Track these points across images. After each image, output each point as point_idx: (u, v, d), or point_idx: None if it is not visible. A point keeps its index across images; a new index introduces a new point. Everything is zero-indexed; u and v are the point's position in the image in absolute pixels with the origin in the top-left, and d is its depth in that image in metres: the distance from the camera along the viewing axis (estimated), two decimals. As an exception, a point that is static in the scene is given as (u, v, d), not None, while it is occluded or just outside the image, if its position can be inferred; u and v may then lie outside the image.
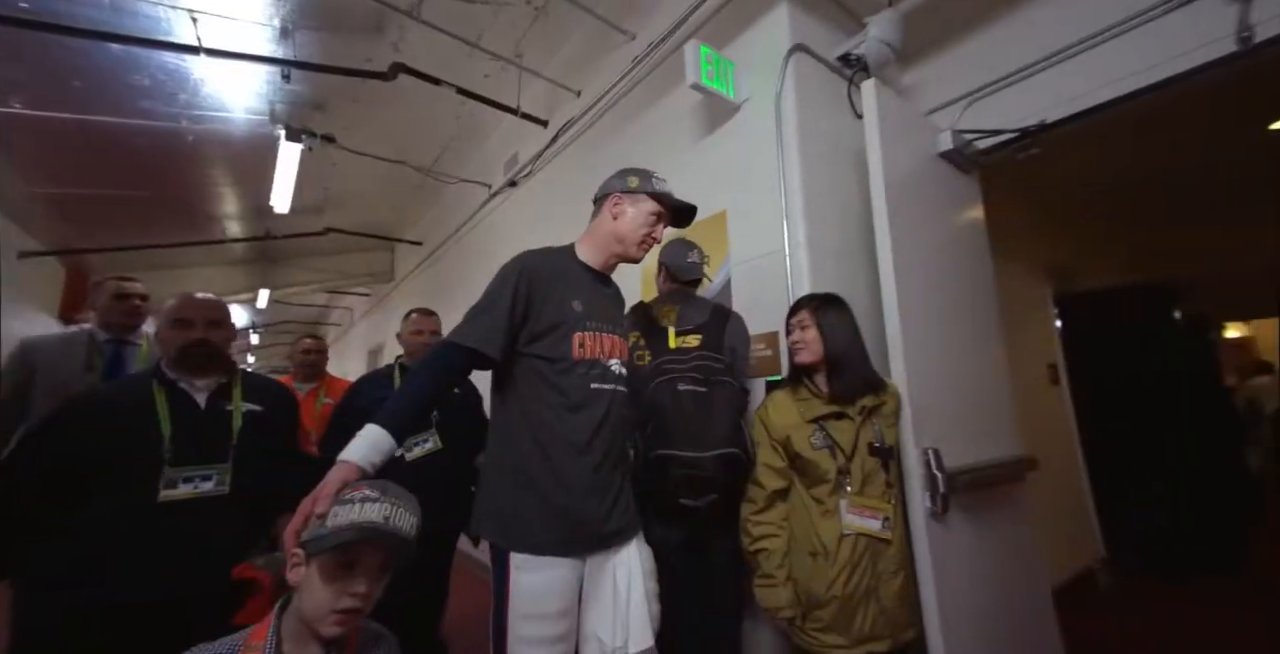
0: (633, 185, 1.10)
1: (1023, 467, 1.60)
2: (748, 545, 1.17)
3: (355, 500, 0.68)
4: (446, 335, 0.97)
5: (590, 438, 0.97)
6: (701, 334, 1.32)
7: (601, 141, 2.36)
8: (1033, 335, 3.09)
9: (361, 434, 0.80)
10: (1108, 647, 2.05)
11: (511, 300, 0.96)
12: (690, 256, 1.49)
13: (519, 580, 0.89)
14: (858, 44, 1.59)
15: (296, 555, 0.67)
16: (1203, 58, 1.29)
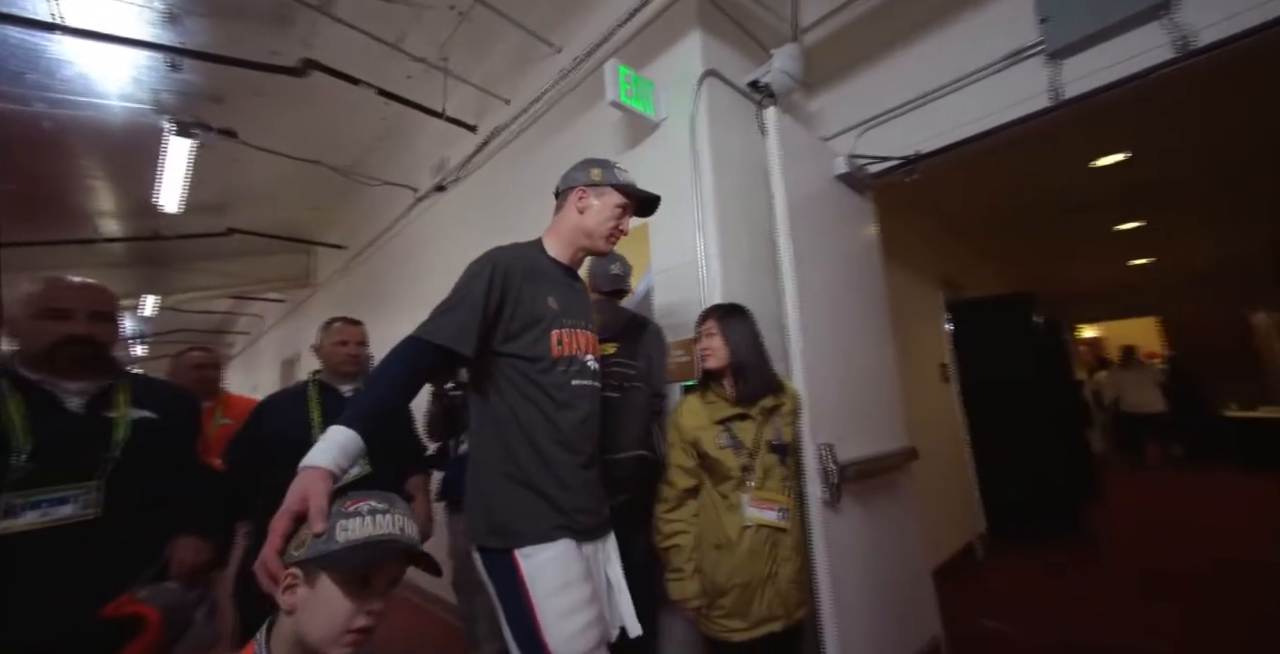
0: (596, 177, 1.09)
1: (908, 457, 1.80)
2: (660, 542, 1.24)
3: (363, 513, 0.63)
4: (413, 332, 0.88)
5: (577, 435, 0.98)
6: (618, 342, 1.38)
7: (531, 149, 2.38)
8: (927, 338, 3.45)
9: (327, 437, 0.73)
10: (980, 607, 2.33)
11: (485, 297, 0.92)
12: (613, 268, 1.55)
13: (532, 565, 0.88)
14: (764, 72, 1.73)
15: (292, 576, 0.60)
16: (1029, 108, 1.54)
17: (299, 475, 0.69)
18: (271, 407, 1.51)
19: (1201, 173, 3.16)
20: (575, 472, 0.97)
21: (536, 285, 1.00)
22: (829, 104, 2.12)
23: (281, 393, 1.60)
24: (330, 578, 0.59)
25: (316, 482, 0.67)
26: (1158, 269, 5.55)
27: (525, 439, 0.94)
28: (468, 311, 0.90)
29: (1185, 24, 1.29)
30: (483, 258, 1.00)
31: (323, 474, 0.69)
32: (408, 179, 3.26)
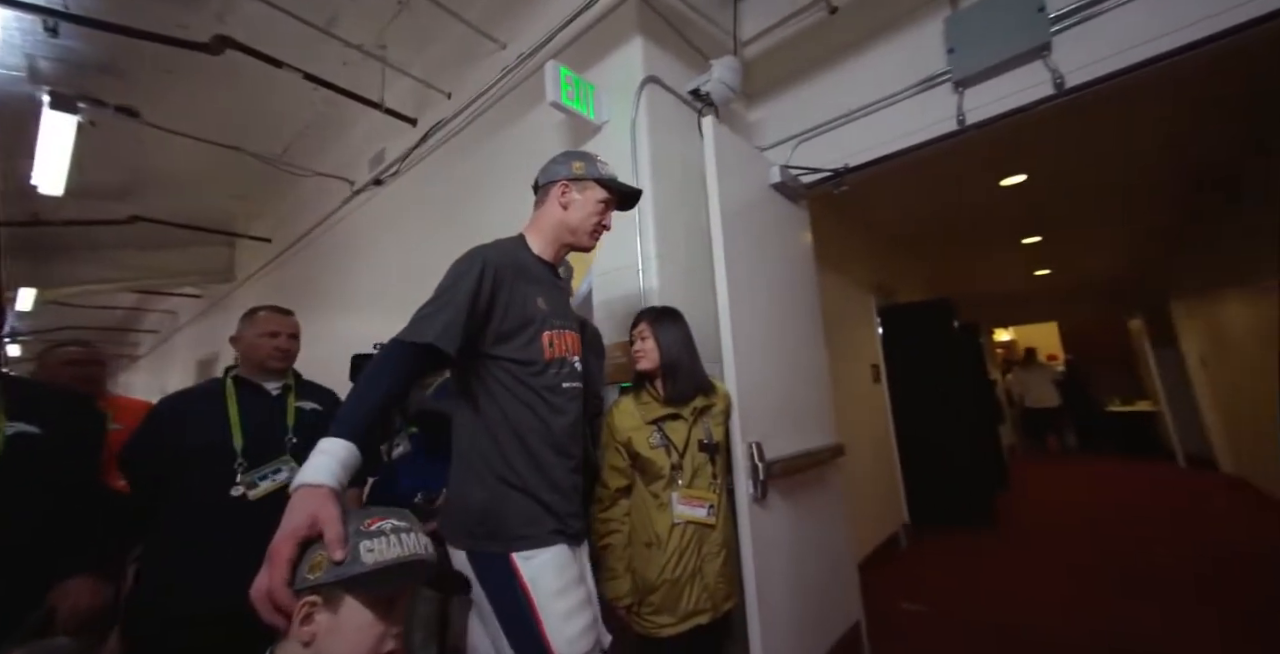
0: (578, 171, 1.06)
1: (835, 453, 1.91)
2: (594, 542, 1.25)
3: (386, 532, 0.60)
4: (397, 335, 0.83)
5: (568, 438, 0.96)
6: (556, 343, 1.37)
7: (474, 145, 2.32)
8: (861, 340, 3.68)
9: (323, 449, 0.67)
10: (901, 592, 2.52)
11: (472, 296, 0.88)
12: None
13: (532, 568, 0.86)
14: (704, 81, 1.79)
15: (310, 603, 0.56)
16: (939, 131, 1.69)
17: (298, 496, 0.62)
18: (174, 408, 1.30)
19: (1087, 195, 3.56)
20: (567, 475, 0.96)
21: (526, 285, 0.97)
22: (768, 115, 2.22)
23: (186, 392, 1.38)
24: (359, 601, 0.56)
25: (325, 503, 0.61)
26: (1056, 279, 6.20)
27: (519, 443, 0.92)
28: (454, 311, 0.86)
29: (1059, 66, 1.46)
30: (470, 256, 0.95)
31: (327, 493, 0.63)
32: (343, 171, 3.09)
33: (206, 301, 5.55)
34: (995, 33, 1.55)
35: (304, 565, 0.57)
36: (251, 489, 1.23)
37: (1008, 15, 1.52)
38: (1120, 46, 1.39)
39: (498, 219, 2.15)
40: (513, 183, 2.10)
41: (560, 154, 1.10)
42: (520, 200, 2.06)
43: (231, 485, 1.21)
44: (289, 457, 1.30)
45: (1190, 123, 2.64)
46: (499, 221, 2.15)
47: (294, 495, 0.62)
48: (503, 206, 2.13)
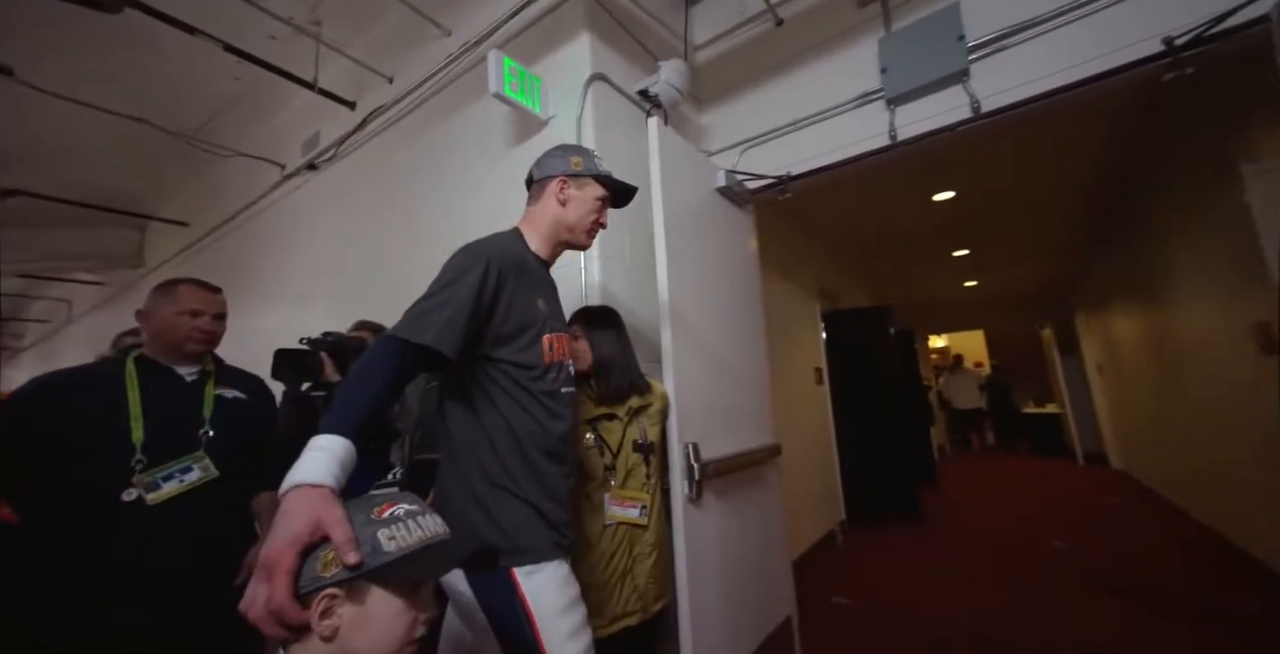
0: (576, 167, 1.02)
1: (771, 453, 1.96)
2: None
3: (402, 517, 0.57)
4: (391, 331, 0.76)
5: (563, 446, 0.93)
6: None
7: (417, 134, 2.22)
8: (805, 344, 3.82)
9: (320, 446, 0.61)
10: (834, 587, 2.62)
11: (475, 295, 0.81)
12: None
13: (533, 584, 0.82)
14: (652, 83, 1.79)
15: (330, 597, 0.52)
16: (873, 145, 1.77)
17: (295, 497, 0.56)
18: (55, 389, 1.08)
19: (1007, 214, 3.88)
20: (562, 483, 0.93)
21: (528, 285, 0.92)
22: (717, 120, 2.26)
23: (71, 372, 1.14)
24: (387, 590, 0.54)
25: (328, 505, 0.56)
26: (982, 291, 6.72)
27: (518, 450, 0.87)
28: (454, 310, 0.79)
29: (976, 91, 1.57)
30: (473, 250, 0.88)
31: (327, 494, 0.57)
32: (272, 153, 2.87)
33: (110, 289, 4.99)
34: (921, 56, 1.64)
35: (313, 565, 0.53)
36: (151, 491, 1.05)
37: (932, 41, 1.62)
38: (1024, 79, 1.51)
39: (440, 211, 2.07)
40: (456, 175, 2.02)
41: (556, 148, 1.07)
42: (462, 193, 2.02)
43: (125, 488, 1.04)
44: (203, 453, 1.13)
45: (1087, 153, 2.93)
46: (441, 214, 2.09)
47: (289, 497, 0.56)
48: (445, 199, 2.05)
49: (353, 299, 2.35)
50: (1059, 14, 1.46)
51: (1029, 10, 1.51)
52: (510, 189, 1.82)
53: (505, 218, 1.82)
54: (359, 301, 2.29)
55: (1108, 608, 2.27)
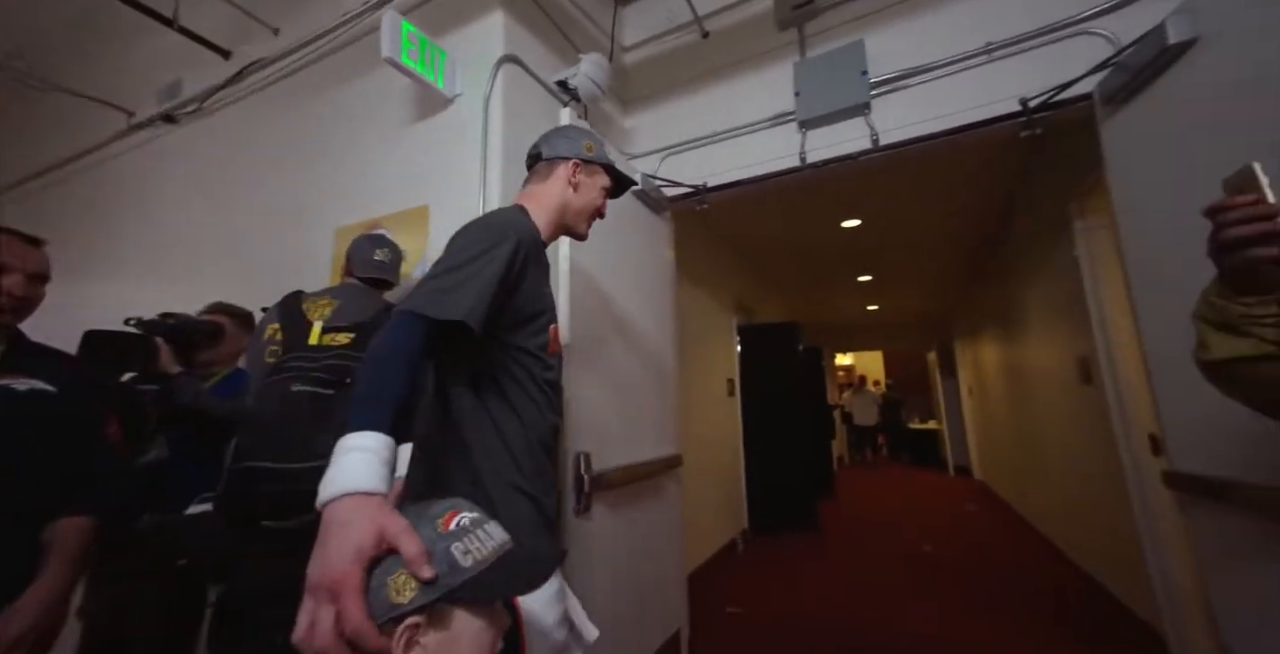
0: (589, 152, 0.99)
1: (670, 464, 1.93)
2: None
3: (469, 528, 0.51)
4: (409, 304, 0.66)
5: (554, 441, 0.91)
6: (355, 333, 1.16)
7: (303, 97, 1.96)
8: (720, 355, 3.91)
9: (361, 445, 0.53)
10: (730, 596, 2.65)
11: (504, 273, 0.74)
12: (377, 254, 1.33)
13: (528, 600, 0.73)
14: (571, 74, 1.72)
15: (413, 627, 0.45)
16: (785, 165, 1.84)
17: (348, 506, 0.49)
18: None
19: (903, 245, 4.28)
20: (551, 477, 0.89)
21: (542, 269, 0.89)
22: (642, 124, 2.24)
23: None
24: (468, 609, 0.49)
25: (389, 514, 0.49)
26: (882, 314, 7.38)
27: (527, 443, 0.82)
28: (484, 284, 0.72)
29: (875, 124, 1.68)
30: (497, 226, 0.81)
31: (382, 502, 0.51)
32: (116, 96, 2.40)
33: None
34: (830, 85, 1.73)
35: (383, 593, 0.46)
36: None
37: (839, 72, 1.72)
38: (915, 119, 1.64)
39: (326, 188, 1.83)
40: (346, 149, 1.80)
41: (568, 128, 1.02)
42: (352, 170, 1.79)
43: None
44: None
45: (969, 197, 3.31)
46: (328, 191, 1.84)
47: (337, 507, 0.49)
48: (332, 174, 1.82)
49: (212, 279, 2.01)
50: (944, 65, 1.61)
51: (920, 58, 1.64)
52: (409, 169, 1.65)
53: (401, 200, 1.67)
54: (218, 282, 1.96)
55: (963, 604, 2.51)
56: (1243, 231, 0.60)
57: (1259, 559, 1.00)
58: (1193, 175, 1.06)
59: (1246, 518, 1.00)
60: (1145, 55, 1.16)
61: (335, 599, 0.44)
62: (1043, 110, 1.46)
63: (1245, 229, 0.60)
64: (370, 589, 0.46)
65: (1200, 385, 0.75)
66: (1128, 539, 2.06)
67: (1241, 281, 0.64)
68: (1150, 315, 1.25)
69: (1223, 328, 0.67)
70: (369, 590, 0.46)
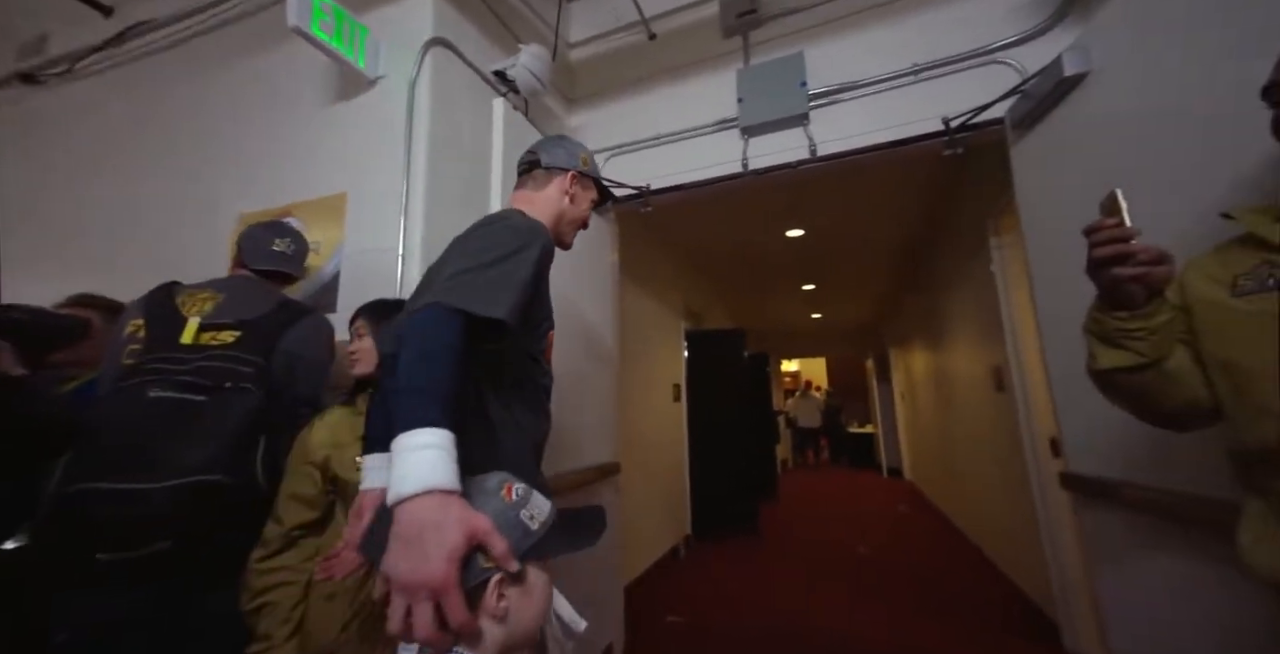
0: (585, 166, 1.00)
1: (607, 472, 1.88)
2: (247, 603, 0.92)
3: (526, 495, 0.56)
4: (447, 298, 0.64)
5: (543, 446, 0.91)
6: (242, 331, 1.02)
7: (201, 68, 1.76)
8: (667, 361, 3.90)
9: (430, 443, 0.52)
10: (670, 603, 2.62)
11: (533, 275, 0.75)
12: (276, 244, 1.19)
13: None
14: (510, 65, 1.65)
15: (501, 581, 0.52)
16: (728, 171, 1.84)
17: (433, 506, 0.49)
18: None
19: (841, 256, 4.47)
20: (543, 482, 0.87)
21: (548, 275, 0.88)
22: (588, 122, 2.19)
23: None
24: (535, 565, 0.56)
25: (473, 515, 0.51)
26: (825, 322, 7.70)
27: (522, 449, 0.81)
28: (520, 286, 0.72)
29: (813, 135, 1.73)
30: (524, 227, 0.79)
31: (461, 500, 0.52)
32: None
33: None
34: (771, 94, 1.76)
35: (473, 561, 0.51)
36: None
37: (780, 82, 1.75)
38: (849, 132, 1.69)
39: (228, 173, 1.65)
40: (253, 130, 1.63)
41: (564, 139, 1.03)
42: (258, 154, 1.60)
43: None
44: None
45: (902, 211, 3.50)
46: (229, 177, 1.64)
47: (424, 505, 0.50)
48: (234, 158, 1.64)
49: (84, 271, 1.75)
50: (876, 82, 1.67)
51: (856, 73, 1.70)
52: (325, 154, 1.52)
53: (317, 186, 1.52)
54: (94, 274, 1.71)
55: (894, 606, 2.61)
56: (1105, 252, 0.65)
57: (1138, 553, 1.08)
58: (1086, 197, 1.14)
59: (1130, 515, 1.08)
60: (1045, 85, 1.25)
61: (437, 597, 0.47)
62: (963, 131, 1.55)
63: (1107, 249, 0.65)
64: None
65: (1093, 393, 0.80)
66: (1033, 538, 2.22)
67: (1112, 297, 0.68)
68: (1051, 328, 1.33)
69: (1104, 340, 0.71)
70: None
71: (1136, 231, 0.64)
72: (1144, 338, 0.67)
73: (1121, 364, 0.70)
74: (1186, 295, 0.69)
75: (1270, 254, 0.61)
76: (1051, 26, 1.47)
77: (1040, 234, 1.37)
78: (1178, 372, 0.67)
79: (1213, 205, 0.71)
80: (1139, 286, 0.66)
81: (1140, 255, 0.64)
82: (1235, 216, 0.67)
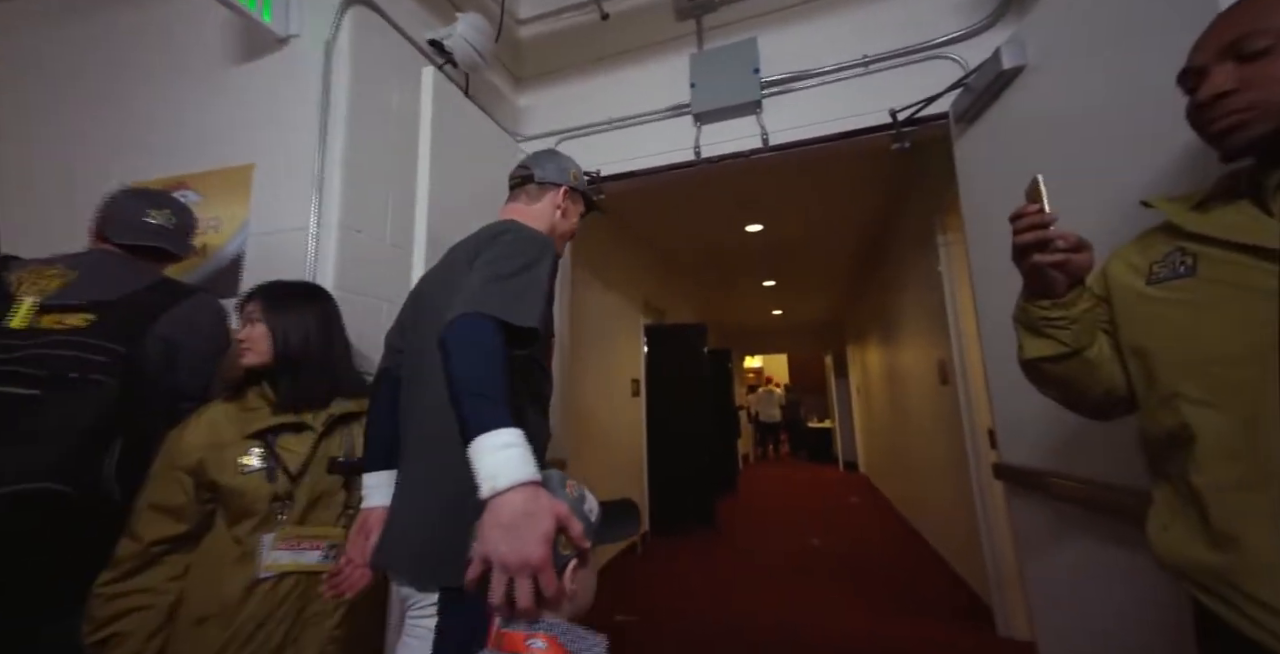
0: (575, 181, 1.05)
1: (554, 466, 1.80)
2: (90, 635, 0.79)
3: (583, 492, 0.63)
4: (486, 308, 0.67)
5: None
6: (97, 314, 0.88)
7: (82, 18, 1.55)
8: (626, 354, 3.84)
9: (509, 442, 0.58)
10: (623, 604, 2.57)
11: (550, 285, 0.79)
12: (151, 216, 1.04)
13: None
14: (446, 35, 1.53)
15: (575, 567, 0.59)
16: (680, 158, 1.79)
17: (527, 497, 0.56)
18: None
19: (800, 252, 4.52)
20: None
21: None
22: (538, 104, 2.08)
23: None
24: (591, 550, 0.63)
25: (556, 503, 0.57)
26: (786, 319, 7.83)
27: (542, 455, 0.82)
28: (543, 295, 0.76)
29: (766, 124, 1.69)
30: (538, 238, 0.84)
31: (544, 491, 0.58)
32: None
33: None
34: (724, 79, 1.71)
35: (555, 548, 0.57)
36: None
37: (732, 68, 1.71)
38: (800, 122, 1.67)
39: (115, 134, 1.46)
40: (144, 92, 1.45)
41: (557, 155, 1.07)
42: (148, 119, 1.40)
43: None
44: None
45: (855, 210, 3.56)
46: (115, 144, 1.44)
47: (520, 496, 0.56)
48: (122, 123, 1.46)
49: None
50: (827, 72, 1.65)
51: (808, 62, 1.68)
52: (228, 120, 1.36)
53: (219, 156, 1.36)
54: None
55: (840, 593, 2.65)
56: (1026, 239, 0.64)
57: (1063, 540, 1.10)
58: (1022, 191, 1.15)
59: (1057, 504, 1.10)
60: (986, 78, 1.25)
61: (535, 573, 0.53)
62: (909, 125, 1.55)
63: (1028, 236, 0.64)
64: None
65: (1023, 384, 0.79)
66: (972, 527, 2.29)
67: (1034, 285, 0.68)
68: (989, 320, 1.35)
69: (1029, 329, 0.70)
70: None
71: (1055, 217, 0.64)
72: (1065, 326, 0.66)
73: (1046, 354, 0.69)
74: (1109, 284, 0.68)
75: (1183, 241, 0.61)
76: (993, 23, 1.48)
77: (980, 228, 1.38)
78: (1098, 360, 0.66)
79: (1139, 196, 0.70)
80: (1060, 274, 0.65)
81: (1058, 242, 0.63)
82: (1154, 204, 0.67)
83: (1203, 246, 0.58)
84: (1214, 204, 0.61)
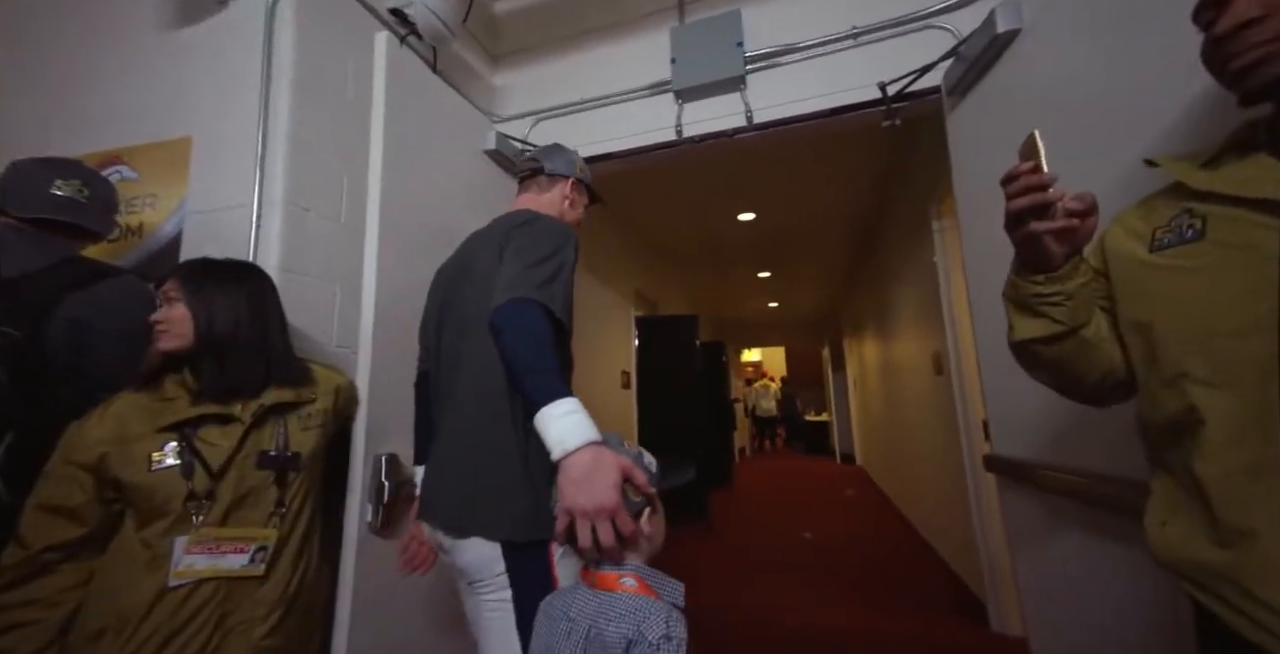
0: (582, 173, 1.10)
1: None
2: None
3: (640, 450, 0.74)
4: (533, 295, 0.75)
5: None
6: (-4, 296, 0.80)
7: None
8: (616, 346, 3.76)
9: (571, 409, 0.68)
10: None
11: (571, 275, 0.85)
12: (59, 187, 0.96)
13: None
14: (408, 3, 1.43)
15: (651, 511, 0.69)
16: (662, 138, 1.69)
17: (595, 454, 0.65)
18: None
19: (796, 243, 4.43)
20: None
21: None
22: (515, 83, 1.98)
23: None
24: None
25: (620, 458, 0.67)
26: (782, 311, 7.75)
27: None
28: (568, 286, 0.84)
29: (750, 101, 1.59)
30: (559, 227, 0.88)
31: (606, 447, 0.68)
32: None
33: None
34: (706, 54, 1.61)
35: (625, 497, 0.65)
36: None
37: (714, 42, 1.61)
38: (787, 99, 1.57)
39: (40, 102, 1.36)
40: (70, 58, 1.36)
41: (563, 148, 1.12)
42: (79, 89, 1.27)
43: None
44: None
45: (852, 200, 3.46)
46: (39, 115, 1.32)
47: (589, 455, 0.65)
48: (47, 91, 1.37)
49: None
50: (814, 45, 1.55)
51: (793, 35, 1.58)
52: (162, 89, 1.27)
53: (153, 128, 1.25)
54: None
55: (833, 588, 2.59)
56: (1020, 203, 0.56)
57: (1056, 533, 1.04)
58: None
59: (1049, 496, 1.04)
60: (978, 46, 1.16)
61: (611, 516, 0.63)
62: (900, 100, 1.45)
63: (1023, 200, 0.56)
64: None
65: (1016, 373, 0.71)
66: (966, 521, 2.22)
67: (1029, 257, 0.59)
68: (982, 307, 1.26)
69: (1021, 308, 0.62)
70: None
71: (1054, 178, 0.55)
72: (1060, 303, 0.58)
73: (1038, 334, 0.61)
74: (1107, 256, 0.60)
75: (1191, 202, 0.52)
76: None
77: (973, 207, 1.30)
78: (1095, 340, 0.58)
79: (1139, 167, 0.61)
80: (1059, 245, 0.57)
81: (1068, 204, 0.55)
82: (1159, 163, 0.58)
83: (1212, 207, 0.50)
84: (1227, 159, 0.52)
